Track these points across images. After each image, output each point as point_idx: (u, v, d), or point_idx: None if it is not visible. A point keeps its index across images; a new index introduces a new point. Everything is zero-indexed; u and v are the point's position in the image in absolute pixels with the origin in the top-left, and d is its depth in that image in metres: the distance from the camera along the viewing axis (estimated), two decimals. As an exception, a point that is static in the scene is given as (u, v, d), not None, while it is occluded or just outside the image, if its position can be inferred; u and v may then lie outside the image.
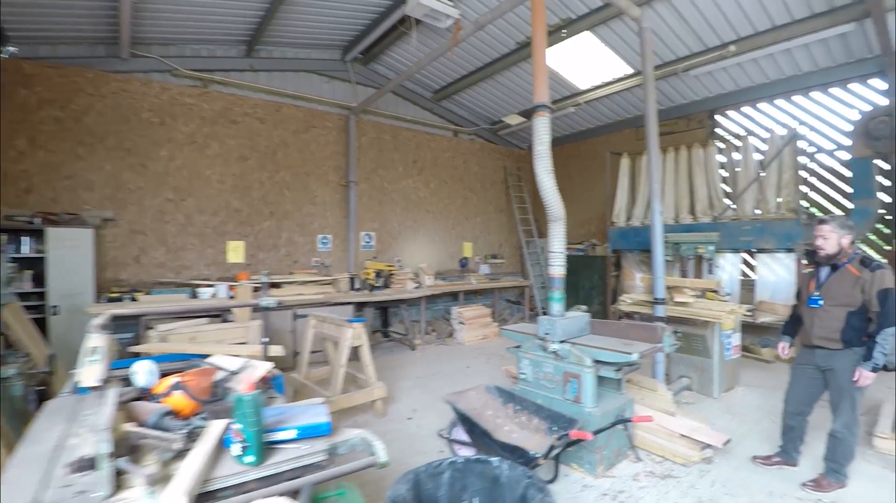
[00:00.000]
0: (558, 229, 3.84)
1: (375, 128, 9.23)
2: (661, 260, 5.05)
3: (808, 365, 3.41)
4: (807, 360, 3.41)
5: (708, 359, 5.25)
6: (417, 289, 8.17)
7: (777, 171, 6.91)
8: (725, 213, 7.38)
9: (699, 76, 7.76)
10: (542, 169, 3.77)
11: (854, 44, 6.52)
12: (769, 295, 7.02)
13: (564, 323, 3.73)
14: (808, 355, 3.41)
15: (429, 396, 5.44)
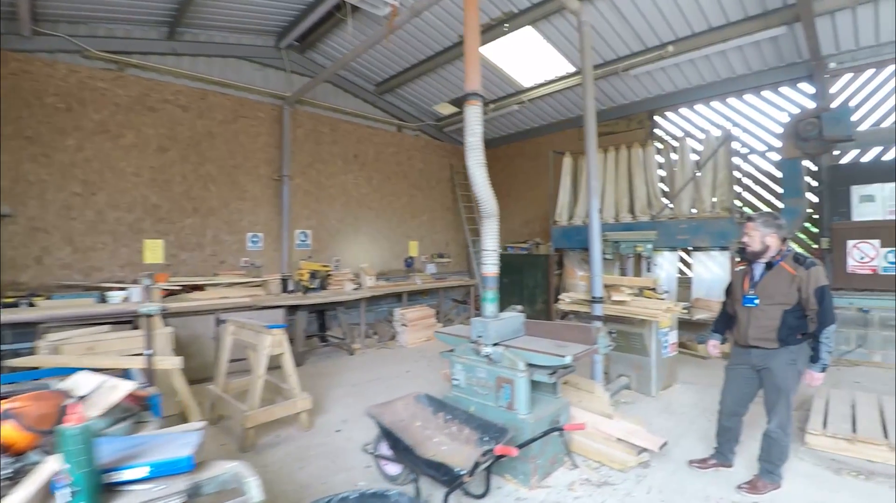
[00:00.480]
0: (491, 226, 3.62)
1: (313, 119, 8.76)
2: (599, 258, 4.95)
3: (742, 365, 3.35)
4: (741, 360, 3.36)
5: (646, 357, 5.21)
6: (357, 290, 7.80)
7: (712, 171, 7.06)
8: (663, 212, 7.47)
9: (639, 76, 7.84)
10: (474, 161, 3.54)
11: (785, 48, 6.75)
12: (705, 292, 7.17)
13: (498, 325, 3.51)
14: (742, 355, 3.35)
15: (363, 405, 5.08)
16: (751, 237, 3.20)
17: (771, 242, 3.15)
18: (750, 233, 3.21)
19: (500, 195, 11.27)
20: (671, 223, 7.22)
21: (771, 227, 3.14)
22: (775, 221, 3.16)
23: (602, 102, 8.98)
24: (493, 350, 3.40)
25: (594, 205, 4.99)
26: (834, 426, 3.80)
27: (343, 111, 9.23)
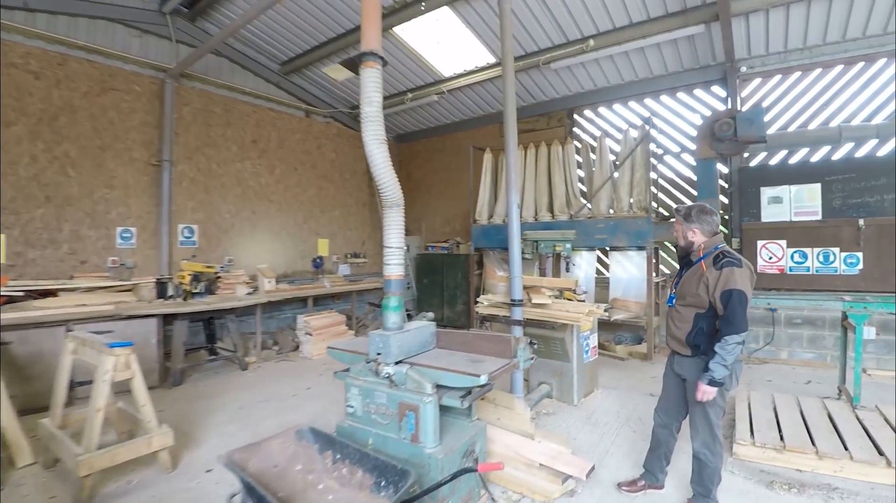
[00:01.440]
0: (395, 218, 2.98)
1: (203, 98, 7.63)
2: (519, 259, 4.51)
3: (670, 370, 3.03)
4: (669, 365, 3.05)
5: (567, 363, 4.86)
6: (251, 294, 6.85)
7: (630, 170, 6.95)
8: (582, 212, 7.28)
9: (560, 71, 7.60)
10: (371, 137, 2.89)
11: (700, 49, 6.78)
12: (622, 292, 7.05)
13: (402, 338, 2.89)
14: (670, 360, 3.04)
15: (247, 433, 4.27)
16: (676, 231, 2.94)
17: (694, 238, 2.82)
18: (675, 226, 2.95)
19: (421, 192, 10.75)
20: (589, 222, 7.03)
21: (693, 222, 2.81)
22: (700, 215, 2.81)
23: (523, 98, 8.70)
24: (395, 370, 2.78)
25: (513, 200, 4.53)
26: (762, 434, 3.60)
27: (241, 90, 8.17)
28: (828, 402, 4.30)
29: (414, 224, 10.68)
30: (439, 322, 9.16)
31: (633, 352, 6.75)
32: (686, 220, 2.83)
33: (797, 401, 4.32)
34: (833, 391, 5.02)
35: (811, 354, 6.30)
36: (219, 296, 6.61)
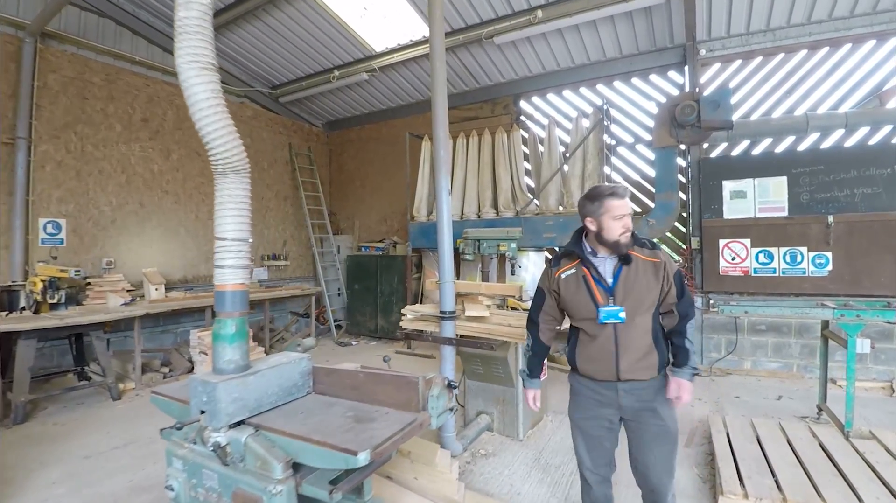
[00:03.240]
0: (233, 191, 1.90)
1: (77, 64, 6.22)
2: (450, 260, 3.58)
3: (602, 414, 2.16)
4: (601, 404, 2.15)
5: (511, 388, 3.95)
6: (128, 304, 5.55)
7: (581, 162, 6.19)
8: (529, 208, 6.45)
9: (504, 48, 6.76)
10: (188, 59, 1.82)
11: (658, 28, 6.15)
12: (574, 299, 6.25)
13: (242, 386, 1.85)
14: (601, 397, 2.14)
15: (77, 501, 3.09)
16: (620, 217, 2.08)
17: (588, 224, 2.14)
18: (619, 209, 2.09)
19: (354, 186, 9.52)
20: (537, 219, 6.21)
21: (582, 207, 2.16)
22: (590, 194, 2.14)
23: (466, 82, 7.83)
24: (230, 436, 1.74)
25: (443, 185, 3.60)
26: (754, 483, 2.81)
27: (130, 59, 6.79)
28: (815, 428, 3.62)
29: (346, 222, 9.57)
30: (373, 334, 8.24)
31: (586, 365, 5.96)
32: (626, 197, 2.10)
33: (781, 429, 3.61)
34: (811, 409, 4.40)
35: (776, 364, 5.74)
36: (86, 307, 5.30)
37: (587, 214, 2.10)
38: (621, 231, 2.03)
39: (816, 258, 5.28)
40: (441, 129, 3.59)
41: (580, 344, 2.17)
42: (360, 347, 7.71)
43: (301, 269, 9.20)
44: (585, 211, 2.11)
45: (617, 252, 2.07)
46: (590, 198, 2.10)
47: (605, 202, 2.03)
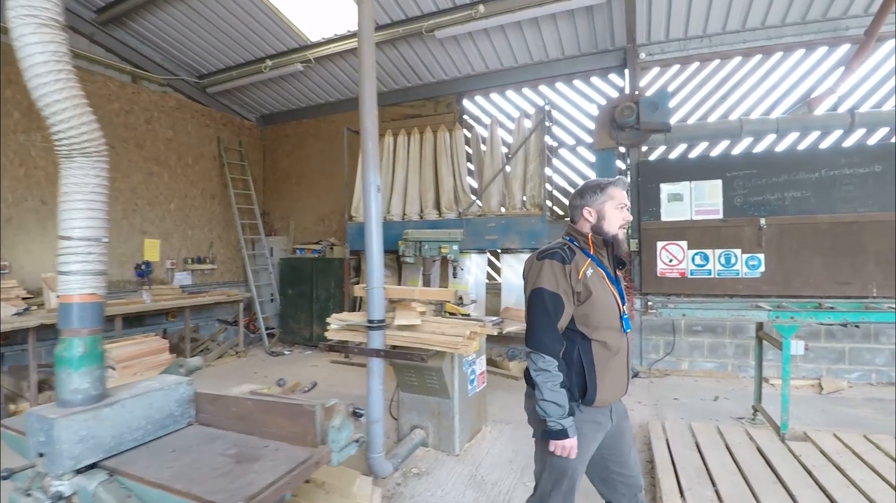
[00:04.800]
0: (85, 177, 1.50)
1: (-43, 40, 5.42)
2: (379, 263, 3.26)
3: (601, 430, 1.88)
4: (596, 439, 1.87)
5: (446, 400, 3.68)
6: (21, 314, 4.85)
7: (523, 163, 6.05)
8: (471, 209, 6.24)
9: (446, 43, 6.53)
10: (18, 6, 1.42)
11: (599, 30, 6.12)
12: (515, 300, 6.09)
13: (95, 421, 1.46)
14: (602, 420, 1.86)
15: None
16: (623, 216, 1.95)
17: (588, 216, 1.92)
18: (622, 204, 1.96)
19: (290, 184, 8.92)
20: (479, 221, 6.01)
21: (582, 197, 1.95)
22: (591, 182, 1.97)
23: (408, 78, 7.54)
24: (74, 485, 1.36)
25: (372, 181, 3.27)
26: (694, 494, 2.67)
27: (25, 37, 6.00)
28: (752, 430, 3.59)
29: (281, 222, 9.02)
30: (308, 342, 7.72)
31: (529, 370, 5.81)
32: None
33: (720, 433, 3.55)
34: (746, 409, 4.40)
35: (712, 364, 5.81)
36: (-37, 319, 4.57)
37: (586, 204, 1.89)
38: (621, 223, 1.88)
39: (750, 260, 5.37)
40: (369, 119, 3.28)
41: (598, 363, 1.77)
42: (294, 357, 7.21)
43: (231, 273, 8.55)
44: (584, 200, 1.90)
45: (617, 248, 1.90)
46: (589, 187, 1.91)
47: (608, 190, 1.87)
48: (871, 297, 5.07)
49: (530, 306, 1.78)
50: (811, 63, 5.77)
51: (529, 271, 1.84)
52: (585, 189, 1.92)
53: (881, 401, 4.76)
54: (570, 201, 1.99)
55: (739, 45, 5.86)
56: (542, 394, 1.69)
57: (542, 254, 1.82)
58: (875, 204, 5.16)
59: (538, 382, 1.70)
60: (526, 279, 1.86)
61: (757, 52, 5.88)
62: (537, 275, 1.78)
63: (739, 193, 5.44)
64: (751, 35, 5.80)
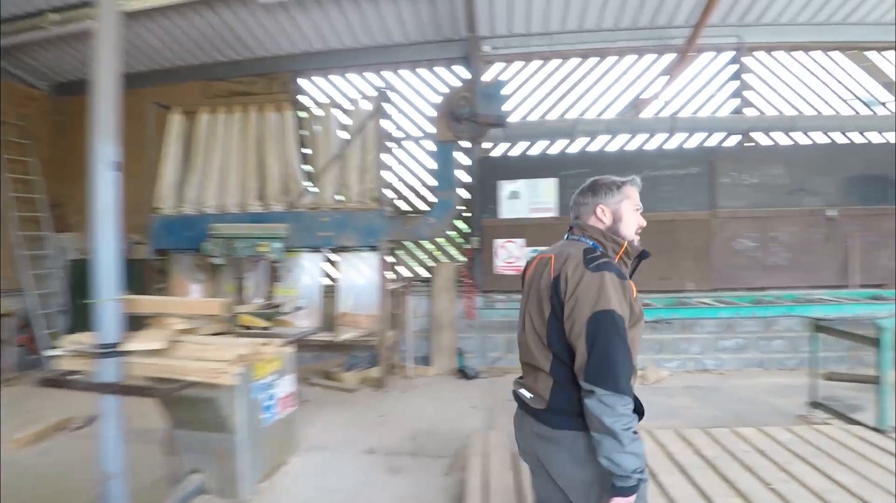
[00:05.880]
0: None
1: None
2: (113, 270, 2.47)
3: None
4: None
5: (228, 434, 2.99)
6: None
7: (361, 151, 5.49)
8: (303, 201, 5.54)
9: (274, 12, 5.72)
10: None
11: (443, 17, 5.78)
12: (353, 304, 5.52)
13: None
14: None
15: None
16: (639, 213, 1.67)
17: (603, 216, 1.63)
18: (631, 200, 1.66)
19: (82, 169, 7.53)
20: (311, 215, 5.33)
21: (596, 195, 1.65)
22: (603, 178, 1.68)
23: (236, 50, 6.57)
24: None
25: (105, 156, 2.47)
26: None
27: None
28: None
29: (78, 216, 7.40)
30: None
31: (367, 378, 5.30)
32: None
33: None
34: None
35: (550, 362, 5.83)
36: None
37: (600, 202, 1.59)
38: (637, 228, 1.61)
39: (580, 257, 5.45)
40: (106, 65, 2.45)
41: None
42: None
43: (7, 281, 6.78)
44: (598, 198, 1.59)
45: (634, 255, 1.59)
46: (604, 184, 1.61)
47: (625, 188, 1.60)
48: (687, 292, 5.40)
49: (598, 332, 1.35)
50: (641, 68, 6.04)
51: (581, 284, 1.40)
52: (598, 186, 1.62)
53: (697, 388, 5.06)
54: (575, 198, 1.69)
55: (578, 45, 5.95)
56: (623, 444, 1.31)
57: (593, 264, 1.42)
58: (691, 204, 5.51)
59: (617, 430, 1.31)
60: (575, 294, 1.40)
61: (594, 54, 6.01)
62: (600, 291, 1.37)
63: (572, 192, 5.43)
64: (588, 36, 5.91)
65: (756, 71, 5.99)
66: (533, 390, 1.53)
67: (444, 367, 5.64)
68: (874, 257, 5.42)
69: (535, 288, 1.55)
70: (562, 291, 1.42)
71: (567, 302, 1.40)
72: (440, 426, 4.10)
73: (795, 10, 5.60)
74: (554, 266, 1.47)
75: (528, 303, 1.57)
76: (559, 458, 1.48)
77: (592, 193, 1.63)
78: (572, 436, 1.43)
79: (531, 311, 1.54)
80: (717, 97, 6.03)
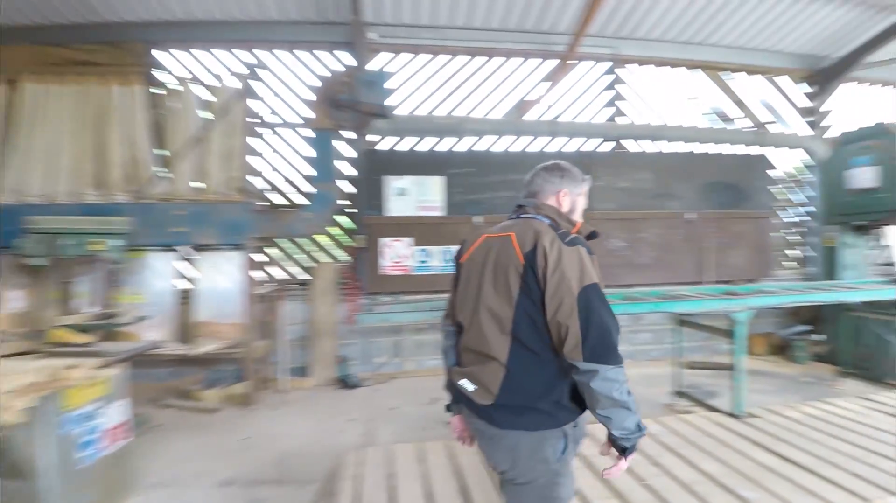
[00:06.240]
0: None
1: None
2: None
3: None
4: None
5: (27, 482, 2.32)
6: None
7: (225, 135, 4.85)
8: (152, 190, 4.74)
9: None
10: None
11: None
12: (215, 311, 4.84)
13: None
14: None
15: None
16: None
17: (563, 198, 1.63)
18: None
19: None
20: (162, 207, 4.57)
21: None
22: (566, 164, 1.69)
23: (77, 10, 5.46)
24: None
25: None
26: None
27: None
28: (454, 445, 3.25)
29: None
30: None
31: (231, 396, 4.66)
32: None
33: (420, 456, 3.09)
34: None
35: (436, 360, 5.64)
36: None
37: (565, 187, 1.60)
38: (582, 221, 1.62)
39: (468, 258, 5.36)
40: None
41: None
42: None
43: None
44: (564, 183, 1.60)
45: (585, 234, 1.57)
46: (572, 171, 1.63)
47: (586, 184, 1.67)
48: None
49: (591, 308, 1.31)
50: (526, 71, 6.13)
51: (563, 259, 1.34)
52: (567, 171, 1.62)
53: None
54: (539, 175, 1.62)
55: (466, 42, 5.85)
56: (631, 409, 1.33)
57: (567, 239, 1.40)
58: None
59: (626, 400, 1.32)
60: (559, 269, 1.33)
61: (481, 53, 5.96)
62: (581, 266, 1.35)
63: (459, 190, 5.38)
64: (476, 34, 5.84)
65: (629, 82, 6.39)
66: (479, 381, 1.42)
67: (323, 378, 5.19)
68: (725, 256, 6.03)
69: (491, 269, 1.44)
70: (539, 268, 1.34)
71: (550, 278, 1.32)
72: (312, 446, 3.68)
73: (664, 28, 6.04)
74: (519, 243, 1.39)
75: (482, 287, 1.44)
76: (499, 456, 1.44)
77: (560, 176, 1.60)
78: (516, 438, 1.38)
79: (487, 295, 1.42)
80: (595, 104, 6.32)
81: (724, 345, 5.77)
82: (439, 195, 5.35)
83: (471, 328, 1.48)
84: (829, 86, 6.65)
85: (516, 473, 1.41)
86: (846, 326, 4.97)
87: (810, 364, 5.63)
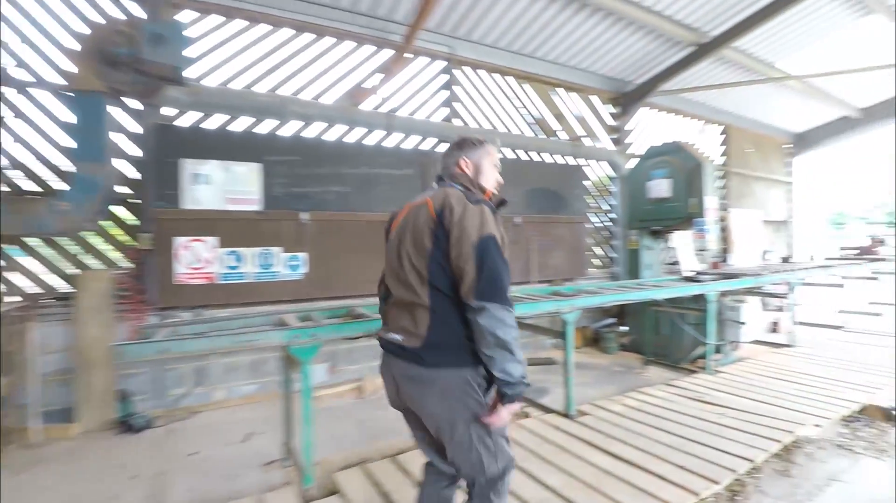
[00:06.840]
0: None
1: None
2: None
3: None
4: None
5: None
6: None
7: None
8: None
9: None
10: None
11: None
12: None
13: None
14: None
15: None
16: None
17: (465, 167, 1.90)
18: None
19: None
20: None
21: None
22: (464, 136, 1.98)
23: None
24: None
25: None
26: None
27: None
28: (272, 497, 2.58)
29: None
30: None
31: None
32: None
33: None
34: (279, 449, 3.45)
35: (253, 386, 4.77)
36: None
37: (463, 155, 1.87)
38: (496, 184, 1.92)
39: (291, 260, 4.60)
40: None
41: None
42: None
43: None
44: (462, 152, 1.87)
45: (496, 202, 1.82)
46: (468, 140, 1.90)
47: (486, 145, 1.91)
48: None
49: (485, 254, 1.55)
50: (360, 58, 5.63)
51: (466, 214, 1.60)
52: (464, 141, 1.90)
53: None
54: (442, 156, 1.93)
55: (292, 14, 5.09)
56: (514, 354, 1.54)
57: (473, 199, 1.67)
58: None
59: (509, 341, 1.53)
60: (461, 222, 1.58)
61: (309, 30, 5.27)
62: (481, 220, 1.60)
63: (281, 181, 4.60)
64: (303, 6, 5.11)
65: (463, 84, 6.34)
66: (406, 330, 1.64)
67: (96, 421, 3.95)
68: (547, 257, 6.36)
69: (410, 230, 1.68)
70: (447, 222, 1.59)
71: (452, 230, 1.57)
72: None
73: (497, 35, 6.12)
74: (433, 206, 1.64)
75: (403, 246, 1.69)
76: (429, 400, 1.61)
77: (458, 147, 1.88)
78: (444, 374, 1.59)
79: (408, 252, 1.66)
80: (431, 103, 6.12)
81: (547, 340, 6.19)
82: (256, 186, 4.49)
83: (398, 285, 1.69)
84: (630, 108, 7.55)
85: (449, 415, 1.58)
86: (648, 319, 5.56)
87: (619, 353, 6.23)
